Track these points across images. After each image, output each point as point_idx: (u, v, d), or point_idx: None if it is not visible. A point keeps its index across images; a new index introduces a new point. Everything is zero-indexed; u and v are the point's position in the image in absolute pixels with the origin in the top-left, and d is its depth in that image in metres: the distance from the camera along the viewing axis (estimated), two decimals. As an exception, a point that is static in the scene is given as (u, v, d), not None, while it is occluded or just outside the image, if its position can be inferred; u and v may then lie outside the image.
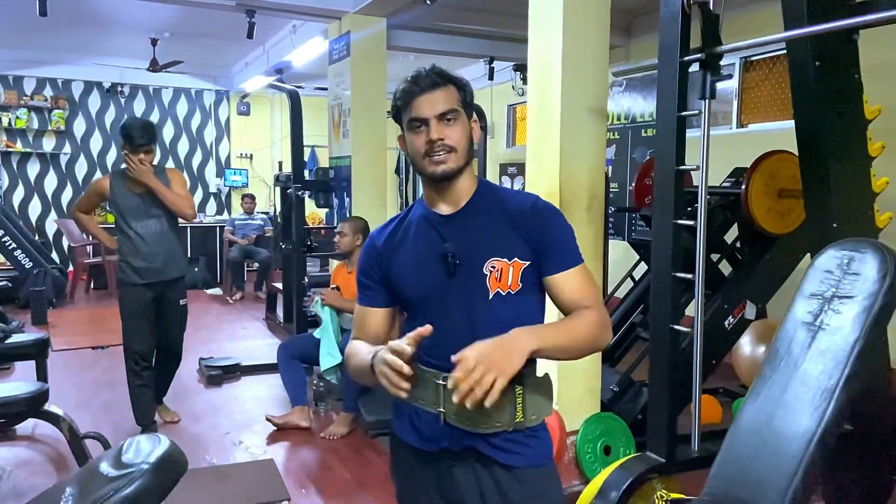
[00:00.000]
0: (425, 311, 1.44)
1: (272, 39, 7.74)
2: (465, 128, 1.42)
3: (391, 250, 1.49)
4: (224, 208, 10.37)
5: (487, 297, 1.40)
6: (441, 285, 1.42)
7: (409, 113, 1.41)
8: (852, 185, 2.51)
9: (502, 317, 1.39)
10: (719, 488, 1.75)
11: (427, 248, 1.45)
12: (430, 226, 1.46)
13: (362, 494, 3.19)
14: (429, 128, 1.39)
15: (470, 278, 1.40)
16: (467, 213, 1.44)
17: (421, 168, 1.43)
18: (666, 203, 2.57)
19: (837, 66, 2.45)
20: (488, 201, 1.45)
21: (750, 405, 1.81)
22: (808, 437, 1.65)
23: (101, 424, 3.81)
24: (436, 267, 1.43)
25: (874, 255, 1.74)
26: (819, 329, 1.77)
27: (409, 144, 1.43)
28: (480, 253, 1.41)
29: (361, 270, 1.54)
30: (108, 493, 1.08)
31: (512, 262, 1.40)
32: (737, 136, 5.70)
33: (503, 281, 1.39)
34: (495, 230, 1.42)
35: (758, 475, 1.68)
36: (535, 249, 1.41)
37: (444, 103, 1.39)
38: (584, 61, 3.10)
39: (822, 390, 1.69)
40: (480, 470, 1.42)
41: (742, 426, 1.81)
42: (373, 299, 1.53)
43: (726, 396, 4.36)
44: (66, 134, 9.38)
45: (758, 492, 1.66)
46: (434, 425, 1.41)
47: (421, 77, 1.40)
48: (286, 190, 6.32)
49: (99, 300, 8.15)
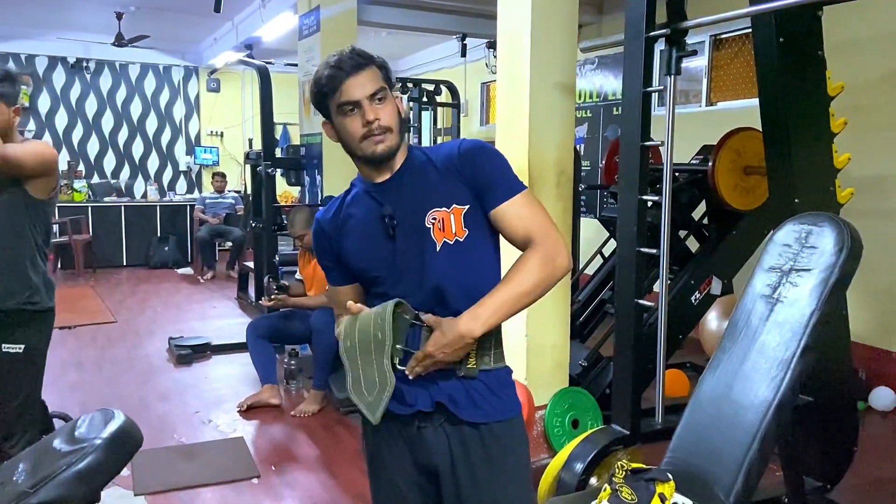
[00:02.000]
0: (379, 279, 1.45)
1: (241, 14, 7.60)
2: (393, 106, 1.42)
3: (338, 230, 1.50)
4: (195, 187, 10.24)
5: (435, 249, 1.40)
6: (387, 249, 1.43)
7: (337, 97, 1.39)
8: (815, 161, 2.54)
9: (452, 266, 1.40)
10: (679, 458, 1.78)
11: (367, 217, 1.45)
12: (368, 196, 1.47)
13: (333, 471, 3.20)
14: (362, 109, 1.38)
15: (414, 235, 1.41)
16: (401, 175, 1.45)
17: (359, 151, 1.42)
18: (631, 179, 2.58)
19: (801, 42, 2.46)
20: (420, 160, 1.46)
21: (709, 377, 1.84)
22: (765, 407, 1.69)
23: (68, 404, 3.77)
24: (378, 234, 1.43)
25: (831, 229, 1.77)
26: (777, 301, 1.80)
27: (342, 129, 1.42)
28: (420, 208, 1.41)
29: (318, 252, 1.56)
30: (60, 467, 1.07)
31: (451, 209, 1.40)
32: (706, 113, 5.73)
33: (447, 230, 1.40)
34: (431, 184, 1.43)
35: (715, 445, 1.72)
36: (473, 190, 1.42)
37: (372, 83, 1.38)
38: (553, 35, 3.09)
39: (778, 361, 1.72)
40: (450, 431, 1.44)
41: (701, 397, 1.84)
42: (336, 279, 1.55)
43: (693, 371, 4.43)
44: (31, 111, 9.17)
45: (715, 461, 1.69)
46: (408, 388, 1.42)
47: (344, 60, 1.39)
48: (257, 168, 6.25)
49: (66, 280, 8.02)
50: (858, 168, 3.07)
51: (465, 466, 1.44)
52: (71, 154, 9.43)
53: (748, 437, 1.66)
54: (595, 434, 2.67)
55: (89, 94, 9.55)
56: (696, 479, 1.68)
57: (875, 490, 3.04)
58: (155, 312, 6.48)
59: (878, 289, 4.19)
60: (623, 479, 1.65)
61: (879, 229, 3.95)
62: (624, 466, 1.65)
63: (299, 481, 3.12)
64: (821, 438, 2.61)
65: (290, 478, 3.15)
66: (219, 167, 10.05)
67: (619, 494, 1.62)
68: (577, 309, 3.95)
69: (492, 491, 1.44)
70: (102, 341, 5.42)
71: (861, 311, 3.89)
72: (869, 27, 4.28)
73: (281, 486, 3.08)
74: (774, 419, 1.67)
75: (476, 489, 1.44)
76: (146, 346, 5.30)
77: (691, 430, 1.81)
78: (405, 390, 1.42)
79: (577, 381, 3.47)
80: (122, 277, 8.34)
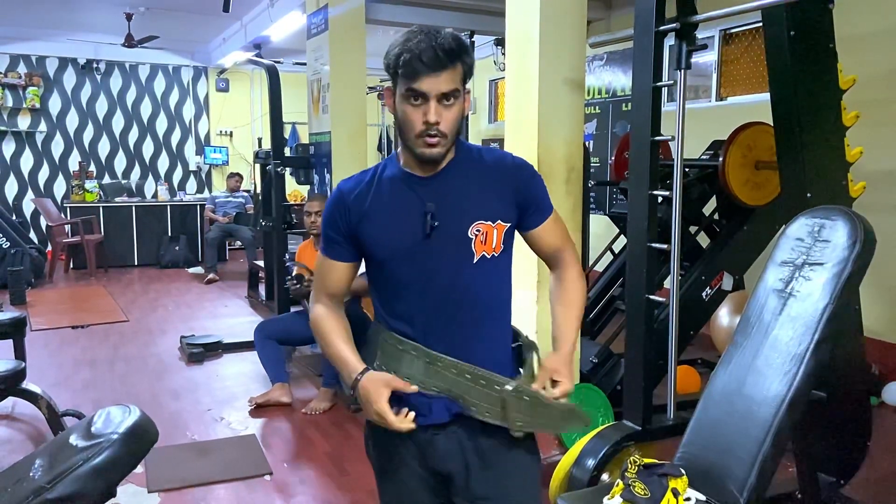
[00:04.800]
0: (400, 273, 1.41)
1: (250, 14, 7.62)
2: (460, 108, 1.35)
3: (361, 208, 1.42)
4: (205, 186, 10.28)
5: (472, 260, 1.38)
6: (420, 246, 1.38)
7: (408, 82, 1.31)
8: (827, 155, 2.52)
9: (484, 279, 1.40)
10: (692, 453, 1.77)
11: (402, 207, 1.39)
12: (407, 186, 1.40)
13: (344, 467, 3.21)
14: (428, 106, 1.30)
15: (453, 242, 1.38)
16: (447, 175, 1.40)
17: (410, 143, 1.36)
18: (641, 174, 2.58)
19: (813, 36, 2.45)
20: (467, 162, 1.42)
21: (722, 372, 1.84)
22: (779, 401, 1.68)
23: (80, 402, 3.80)
24: (413, 228, 1.38)
25: (844, 223, 1.76)
26: (790, 296, 1.79)
27: (401, 111, 1.35)
28: (464, 216, 1.38)
29: (328, 221, 1.46)
30: (77, 462, 1.08)
31: (496, 224, 1.39)
32: (716, 108, 5.71)
33: (488, 244, 1.39)
34: (477, 191, 1.40)
35: (729, 439, 1.71)
36: (519, 208, 1.43)
37: (447, 84, 1.30)
38: (562, 31, 3.09)
39: (792, 356, 1.71)
40: (463, 437, 1.43)
41: (714, 392, 1.83)
42: (338, 253, 1.47)
43: (705, 367, 4.41)
44: (42, 112, 9.22)
45: (729, 455, 1.69)
46: (422, 400, 1.39)
47: (426, 51, 1.28)
48: (266, 167, 6.26)
49: (78, 279, 8.07)
50: (871, 162, 3.05)
51: (479, 471, 1.43)
52: (82, 155, 9.48)
53: (762, 432, 1.66)
54: (607, 430, 2.66)
55: (100, 95, 9.59)
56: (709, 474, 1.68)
57: (889, 485, 3.02)
58: (166, 311, 6.51)
59: (892, 283, 4.16)
60: (636, 474, 1.65)
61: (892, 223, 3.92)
62: (636, 461, 1.65)
63: (311, 478, 3.14)
64: (834, 434, 2.59)
65: (303, 474, 3.16)
66: (228, 167, 10.09)
67: (631, 489, 1.62)
68: (588, 305, 3.95)
69: (504, 488, 1.44)
70: (115, 340, 5.45)
71: (874, 306, 3.87)
72: (881, 20, 4.25)
73: (294, 482, 3.09)
74: (788, 414, 1.67)
75: (488, 488, 1.43)
76: (158, 344, 5.33)
77: (704, 426, 1.81)
78: (420, 402, 1.39)
79: (588, 378, 3.46)
80: (134, 277, 8.38)
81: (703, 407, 1.84)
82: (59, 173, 9.40)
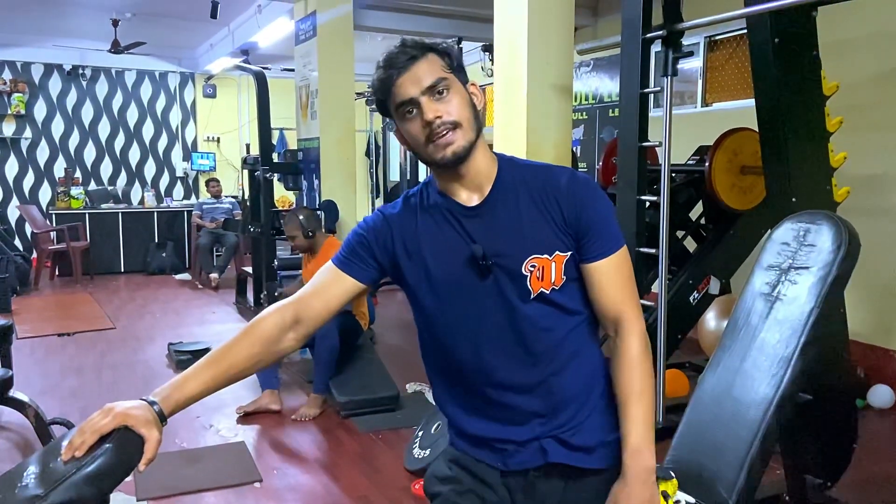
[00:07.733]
0: (450, 314, 1.28)
1: (237, 20, 7.61)
2: (462, 96, 1.22)
3: (407, 239, 1.29)
4: (192, 192, 10.24)
5: (529, 297, 1.24)
6: (470, 287, 1.25)
7: (393, 100, 1.20)
8: (811, 161, 2.56)
9: (544, 315, 1.26)
10: (681, 456, 1.79)
11: (449, 242, 1.26)
12: (452, 218, 1.27)
13: (334, 474, 3.20)
14: (420, 108, 1.19)
15: (506, 280, 1.24)
16: (494, 203, 1.25)
17: (427, 157, 1.23)
18: (629, 179, 2.60)
19: (796, 42, 2.49)
20: (514, 184, 1.27)
21: (710, 375, 1.86)
22: (766, 404, 1.70)
23: (68, 410, 3.77)
24: (463, 267, 1.25)
25: (829, 227, 1.79)
26: (776, 299, 1.81)
27: (406, 135, 1.23)
28: (517, 252, 1.23)
29: (358, 237, 1.32)
30: (70, 470, 1.08)
31: (553, 256, 1.23)
32: (702, 114, 5.76)
33: (546, 279, 1.24)
34: (529, 222, 1.24)
35: (717, 442, 1.73)
36: (574, 234, 1.25)
37: (428, 75, 1.19)
38: (549, 38, 3.11)
39: (779, 358, 1.73)
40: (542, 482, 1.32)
41: (703, 395, 1.85)
42: (357, 271, 1.31)
43: (693, 370, 4.43)
44: (27, 118, 9.15)
45: (717, 458, 1.70)
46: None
47: (394, 56, 1.20)
48: (254, 172, 6.26)
49: (64, 287, 8.01)
50: (855, 167, 3.09)
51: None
52: (68, 161, 9.41)
53: (750, 434, 1.68)
54: (596, 434, 2.67)
55: (86, 101, 9.54)
56: (698, 476, 1.70)
57: (874, 487, 3.05)
58: (154, 318, 6.47)
59: (876, 286, 4.21)
60: (626, 478, 1.66)
61: (876, 227, 3.97)
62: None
63: (301, 484, 3.13)
64: (820, 436, 2.62)
65: (293, 481, 3.16)
66: (215, 173, 10.05)
67: (622, 492, 1.63)
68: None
69: None
70: (102, 347, 5.41)
71: (859, 309, 3.91)
72: (863, 26, 4.31)
73: (283, 489, 3.08)
74: (775, 416, 1.68)
75: None
76: (146, 351, 5.30)
77: (693, 428, 1.82)
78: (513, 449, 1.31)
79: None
80: (121, 284, 8.33)
81: (692, 410, 1.86)
82: (45, 180, 9.32)
